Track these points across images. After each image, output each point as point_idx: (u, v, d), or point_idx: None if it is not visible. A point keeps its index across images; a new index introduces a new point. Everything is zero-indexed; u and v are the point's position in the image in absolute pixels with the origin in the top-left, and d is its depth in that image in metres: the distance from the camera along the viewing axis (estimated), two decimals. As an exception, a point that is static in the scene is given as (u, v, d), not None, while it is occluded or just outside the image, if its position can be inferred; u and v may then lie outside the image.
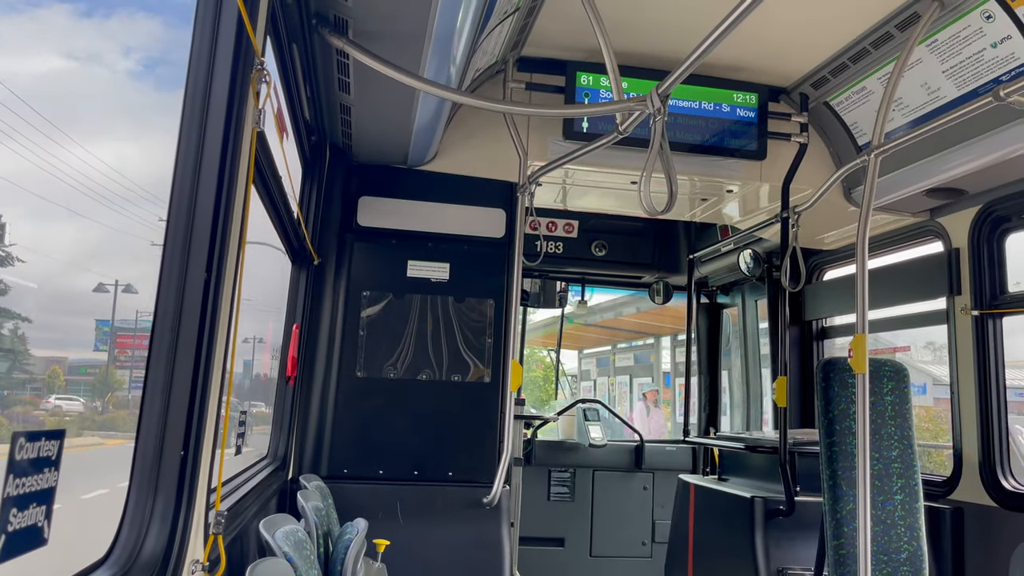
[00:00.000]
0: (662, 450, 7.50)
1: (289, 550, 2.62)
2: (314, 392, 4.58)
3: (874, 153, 3.82)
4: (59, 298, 3.49)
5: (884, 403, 4.35)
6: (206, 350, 1.90)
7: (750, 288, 7.28)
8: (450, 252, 4.83)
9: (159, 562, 1.75)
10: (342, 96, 3.83)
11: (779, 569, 4.73)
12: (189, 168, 1.85)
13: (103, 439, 4.73)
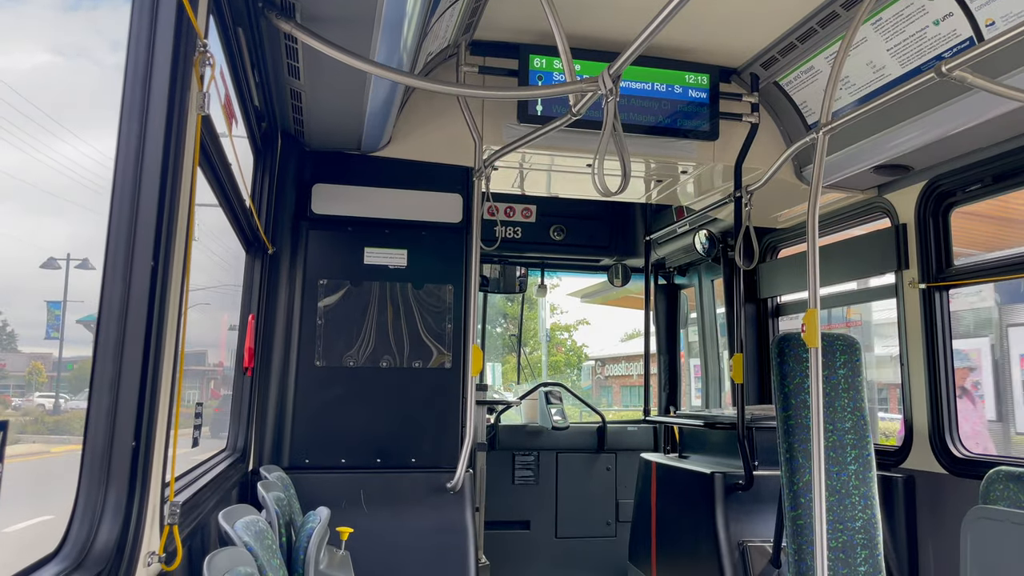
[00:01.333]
0: (624, 430, 7.58)
1: (249, 540, 2.60)
2: (272, 383, 4.53)
3: (822, 131, 3.88)
4: (37, 291, 3.35)
5: (837, 376, 4.44)
6: (155, 339, 1.86)
7: (706, 268, 7.37)
8: (407, 238, 4.80)
9: (112, 554, 1.72)
10: (292, 82, 3.77)
11: (739, 542, 4.82)
12: (131, 154, 1.81)
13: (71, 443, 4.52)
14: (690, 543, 5.23)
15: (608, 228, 7.39)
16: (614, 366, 28.31)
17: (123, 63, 1.83)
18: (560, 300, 29.21)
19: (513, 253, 7.45)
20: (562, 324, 29.33)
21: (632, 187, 5.94)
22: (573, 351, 28.83)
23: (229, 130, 3.17)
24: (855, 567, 4.20)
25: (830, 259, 5.44)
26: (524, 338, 28.35)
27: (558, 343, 29.10)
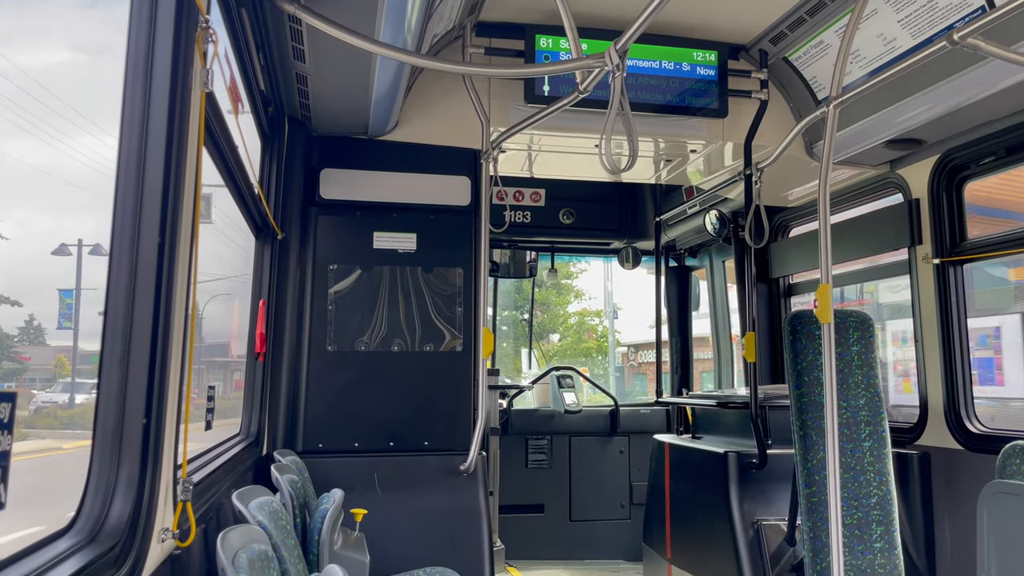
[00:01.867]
0: (637, 413, 7.57)
1: (264, 519, 2.61)
2: (284, 368, 4.55)
3: (832, 104, 3.84)
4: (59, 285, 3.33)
5: (851, 353, 4.41)
6: (163, 316, 1.86)
7: (717, 249, 7.33)
8: (416, 222, 4.80)
9: (126, 529, 1.73)
10: (297, 65, 3.76)
11: (754, 521, 4.81)
12: (135, 130, 1.81)
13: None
14: (704, 523, 5.22)
15: (618, 211, 7.37)
16: (648, 352, 27.80)
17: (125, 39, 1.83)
18: (589, 285, 28.67)
19: (523, 238, 7.43)
20: (592, 309, 28.74)
21: (641, 167, 5.90)
22: (605, 337, 28.10)
23: (236, 114, 3.17)
24: (870, 543, 4.18)
25: (842, 237, 5.40)
26: (553, 325, 28.16)
27: (589, 329, 28.53)
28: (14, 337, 3.72)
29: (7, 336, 3.64)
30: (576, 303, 28.91)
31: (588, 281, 28.57)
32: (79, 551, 1.61)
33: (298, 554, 2.89)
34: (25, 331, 3.89)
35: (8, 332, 3.65)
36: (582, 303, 28.79)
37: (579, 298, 28.83)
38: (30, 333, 3.92)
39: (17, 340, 3.71)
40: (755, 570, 4.67)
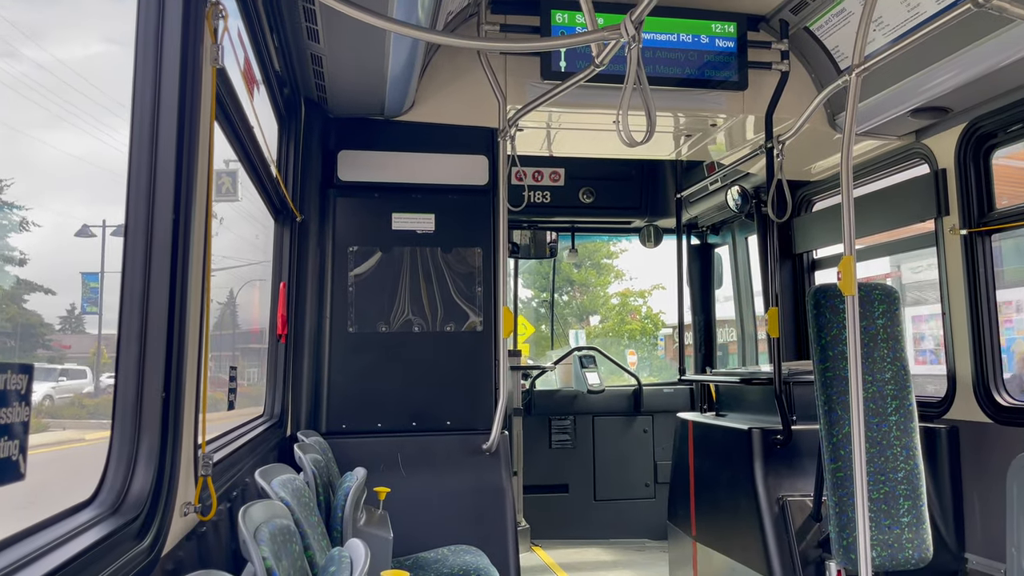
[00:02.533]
0: (660, 392, 7.54)
1: (286, 496, 2.63)
2: (306, 349, 4.58)
3: (855, 72, 3.76)
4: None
5: (876, 326, 4.35)
6: (180, 290, 1.88)
7: (739, 225, 7.26)
8: (434, 202, 4.79)
9: (148, 501, 1.75)
10: (312, 45, 3.75)
11: (779, 497, 4.78)
12: (147, 106, 1.81)
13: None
14: (729, 500, 5.20)
15: (638, 189, 7.31)
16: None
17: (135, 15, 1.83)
18: (630, 265, 28.11)
19: (542, 218, 7.41)
20: (635, 290, 28.09)
21: (661, 143, 5.84)
22: (648, 318, 27.12)
23: (251, 95, 3.17)
24: (898, 518, 4.13)
25: (866, 209, 5.31)
26: (593, 307, 27.83)
27: (632, 310, 27.72)
28: (55, 327, 3.73)
29: (44, 325, 3.64)
30: (617, 283, 28.29)
31: (630, 260, 27.95)
32: (102, 521, 1.63)
33: (321, 531, 2.91)
34: (67, 320, 3.93)
35: (49, 322, 3.65)
36: (623, 283, 28.19)
37: (619, 278, 28.22)
38: (71, 322, 3.96)
39: (59, 329, 3.72)
40: (780, 546, 4.64)
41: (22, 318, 2.68)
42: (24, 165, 2.33)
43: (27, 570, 1.31)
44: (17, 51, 2.06)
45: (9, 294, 2.52)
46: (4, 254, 2.51)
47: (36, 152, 2.26)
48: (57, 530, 1.51)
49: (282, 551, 2.13)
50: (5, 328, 2.67)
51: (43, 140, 2.23)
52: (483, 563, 3.93)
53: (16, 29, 2.04)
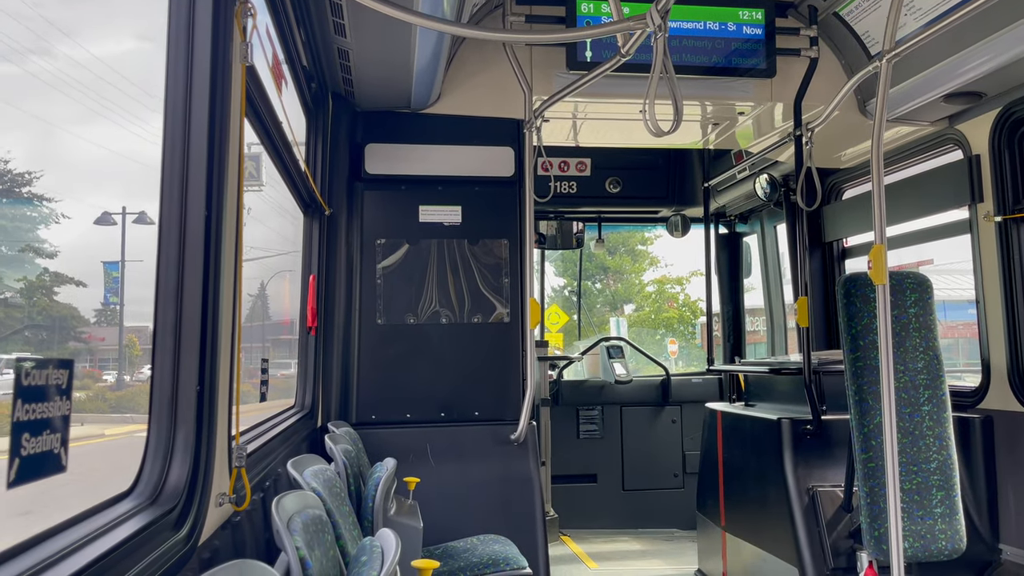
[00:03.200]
0: (688, 382, 7.52)
1: (318, 486, 2.67)
2: (336, 341, 4.63)
3: (886, 59, 3.70)
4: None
5: (908, 315, 4.29)
6: (212, 286, 1.91)
7: (768, 214, 7.19)
8: (461, 194, 4.81)
9: (184, 492, 1.79)
10: (338, 40, 3.78)
11: (809, 488, 4.74)
12: (179, 105, 1.84)
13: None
14: (759, 491, 5.17)
15: (665, 178, 7.26)
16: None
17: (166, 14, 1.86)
18: (665, 252, 27.67)
19: (569, 208, 7.39)
20: (672, 276, 27.58)
21: (688, 132, 5.80)
22: (686, 306, 26.37)
23: (279, 90, 3.20)
24: (931, 509, 4.09)
25: (897, 197, 5.23)
26: (628, 295, 27.50)
27: (669, 298, 27.07)
28: (89, 319, 3.75)
29: (76, 318, 3.66)
30: (652, 270, 27.80)
31: (665, 247, 27.38)
32: (141, 512, 1.67)
33: (352, 520, 2.95)
34: (103, 312, 3.97)
35: (83, 315, 3.67)
36: (659, 270, 27.67)
37: (655, 265, 27.74)
38: (107, 315, 4.00)
39: (95, 321, 3.76)
40: (811, 537, 4.62)
41: (54, 310, 2.70)
42: (61, 160, 2.38)
43: (72, 558, 1.36)
44: (53, 48, 2.10)
45: (40, 285, 2.55)
46: (36, 246, 2.54)
47: (72, 147, 2.31)
48: (99, 519, 1.55)
49: (314, 541, 2.16)
50: (37, 321, 2.70)
51: (78, 135, 2.27)
52: (512, 552, 3.96)
53: (53, 27, 2.08)
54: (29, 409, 1.22)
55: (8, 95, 1.86)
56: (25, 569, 1.25)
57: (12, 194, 2.31)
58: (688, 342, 24.80)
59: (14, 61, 1.93)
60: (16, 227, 2.46)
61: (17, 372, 1.20)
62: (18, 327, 2.29)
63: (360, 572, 2.04)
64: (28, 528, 1.39)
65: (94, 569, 1.37)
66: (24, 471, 1.21)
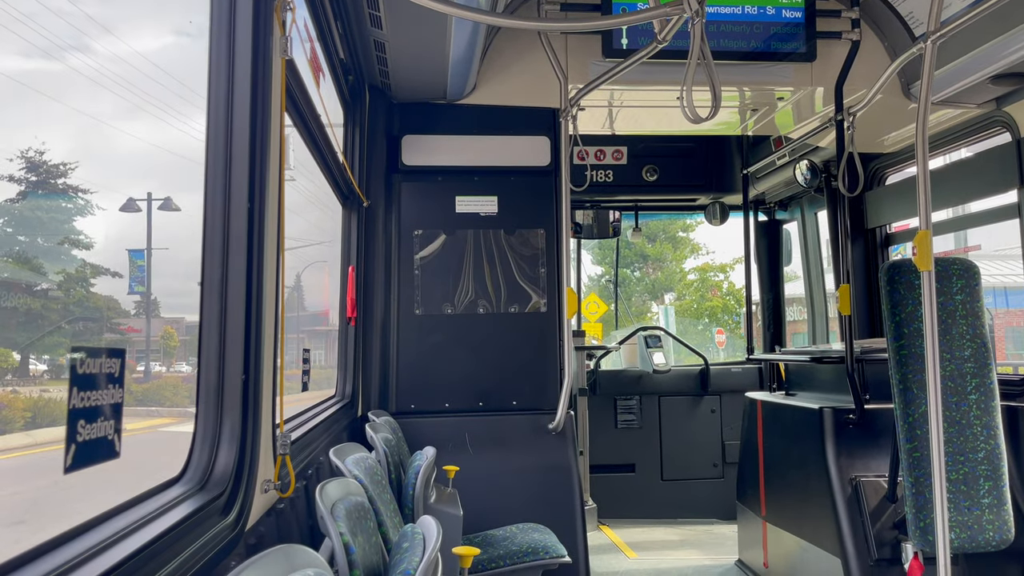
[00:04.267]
0: (727, 372, 7.45)
1: (360, 474, 2.71)
2: (375, 331, 4.68)
3: (931, 39, 3.61)
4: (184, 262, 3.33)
5: (954, 302, 4.20)
6: (256, 277, 1.95)
7: (809, 201, 7.08)
8: (497, 184, 4.82)
9: (231, 479, 1.83)
10: (375, 32, 3.81)
11: (852, 478, 4.68)
12: (222, 97, 1.88)
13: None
14: (800, 481, 5.12)
15: (703, 165, 7.19)
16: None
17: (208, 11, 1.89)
18: (708, 239, 27.22)
19: (605, 197, 7.36)
20: (715, 264, 26.69)
21: (727, 118, 5.73)
22: (731, 294, 25.61)
23: (317, 83, 3.24)
24: (977, 499, 4.01)
25: (943, 181, 5.12)
26: (670, 283, 27.15)
27: (713, 286, 26.36)
28: (130, 311, 3.80)
29: (112, 308, 3.69)
30: (694, 258, 27.32)
31: (707, 233, 26.85)
32: (190, 497, 1.72)
33: (394, 508, 2.99)
34: (140, 304, 4.03)
35: (122, 307, 3.71)
36: (701, 257, 27.18)
37: (696, 253, 27.26)
38: (145, 306, 4.04)
39: (135, 313, 3.81)
40: (854, 527, 4.56)
41: (90, 301, 2.72)
42: (101, 154, 2.43)
43: (126, 541, 1.40)
44: (94, 43, 2.15)
45: (77, 277, 2.58)
46: (73, 238, 2.59)
47: (114, 141, 2.36)
48: (151, 504, 1.60)
49: (357, 527, 2.20)
50: (74, 313, 2.74)
51: (121, 129, 2.32)
52: (551, 541, 3.97)
53: (94, 22, 2.13)
54: (84, 397, 1.26)
55: (52, 90, 1.91)
56: (85, 549, 1.30)
57: (50, 186, 2.36)
58: (732, 332, 24.36)
59: (56, 56, 1.97)
60: (52, 218, 2.50)
61: (73, 361, 1.24)
62: (56, 320, 2.34)
63: (402, 558, 2.07)
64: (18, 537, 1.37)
65: (147, 552, 1.41)
66: (80, 457, 1.25)
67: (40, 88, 1.86)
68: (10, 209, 2.26)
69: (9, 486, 1.98)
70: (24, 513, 1.68)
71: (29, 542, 1.27)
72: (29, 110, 1.89)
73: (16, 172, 2.23)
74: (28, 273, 2.27)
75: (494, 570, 3.75)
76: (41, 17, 1.88)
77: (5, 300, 2.09)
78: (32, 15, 1.84)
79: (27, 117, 1.95)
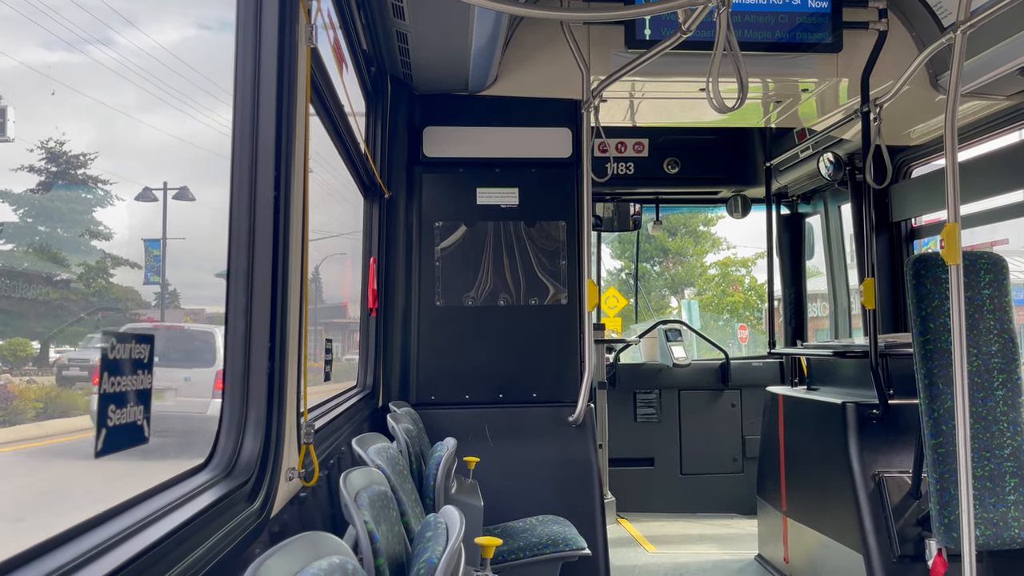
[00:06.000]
0: (748, 366, 7.41)
1: (382, 463, 2.72)
2: (395, 323, 4.69)
3: (960, 29, 3.56)
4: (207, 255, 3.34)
5: (982, 297, 4.15)
6: (281, 268, 1.95)
7: (832, 194, 7.02)
8: (518, 176, 4.81)
9: (256, 466, 1.84)
10: (397, 23, 3.80)
11: (875, 473, 4.64)
12: (248, 84, 1.88)
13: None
14: (822, 476, 5.08)
15: (725, 158, 7.13)
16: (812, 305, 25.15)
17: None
18: (729, 233, 26.91)
19: (626, 190, 7.32)
20: (736, 258, 26.21)
21: (750, 111, 5.68)
22: (752, 289, 25.26)
23: (340, 73, 3.24)
24: (1003, 496, 3.96)
25: (972, 174, 5.04)
26: (690, 278, 26.90)
27: (734, 281, 26.06)
28: (151, 303, 3.80)
29: (131, 299, 3.69)
30: (715, 252, 26.98)
31: (729, 228, 26.51)
32: (216, 484, 1.73)
33: (415, 498, 3.00)
34: (160, 295, 4.03)
35: (146, 300, 3.71)
36: (722, 252, 26.82)
37: (717, 247, 26.92)
38: (164, 298, 4.04)
39: (155, 305, 3.81)
40: (877, 523, 4.52)
41: (110, 292, 2.72)
42: (125, 145, 2.44)
43: (155, 526, 1.41)
44: (116, 36, 2.16)
45: (98, 268, 2.58)
46: (93, 229, 2.59)
47: (136, 133, 2.37)
48: (179, 490, 1.61)
49: (381, 516, 2.20)
50: (94, 303, 2.73)
51: (142, 120, 2.33)
52: (571, 533, 3.97)
53: (117, 15, 2.14)
54: (115, 382, 1.27)
55: (75, 82, 1.93)
56: (114, 534, 1.31)
57: (71, 177, 2.37)
58: (753, 327, 24.11)
59: (79, 48, 1.98)
60: (71, 209, 2.51)
61: (104, 346, 1.25)
62: (76, 310, 2.34)
63: (425, 547, 2.07)
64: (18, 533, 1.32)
65: (175, 537, 1.42)
66: (111, 441, 1.26)
67: (63, 80, 1.87)
68: (31, 199, 2.28)
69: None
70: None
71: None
72: (51, 101, 1.90)
73: (37, 163, 2.25)
74: (48, 264, 2.29)
75: (514, 561, 3.75)
76: (66, 11, 1.89)
77: (28, 291, 2.10)
78: (56, 8, 1.84)
79: (49, 109, 1.96)
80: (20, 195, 2.25)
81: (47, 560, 1.16)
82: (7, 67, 1.71)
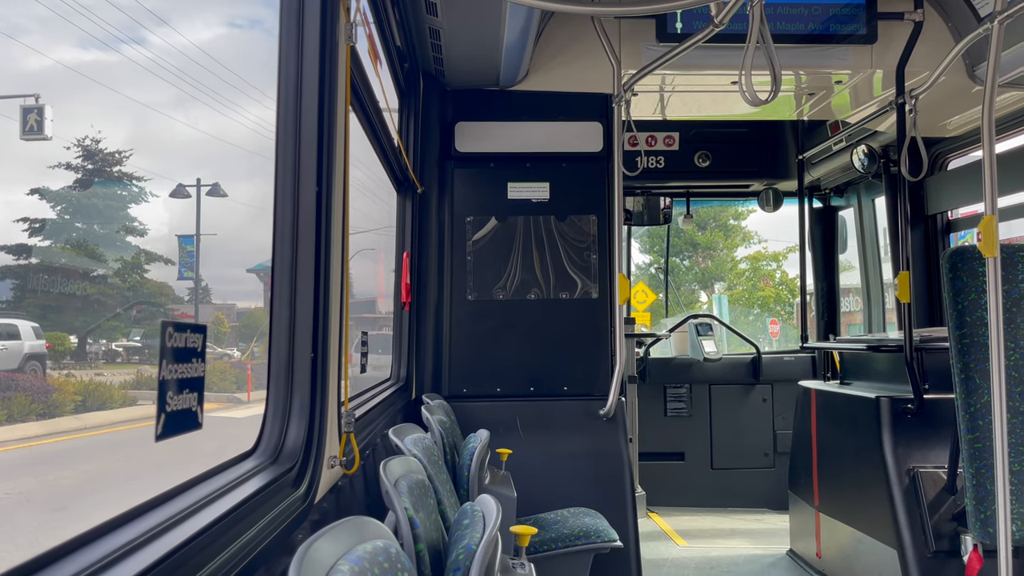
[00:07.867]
0: (780, 361, 7.37)
1: (418, 453, 2.77)
2: (428, 316, 4.75)
3: (997, 19, 3.51)
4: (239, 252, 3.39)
5: (1019, 290, 4.09)
6: (323, 260, 2.00)
7: (866, 187, 6.94)
8: (549, 171, 4.83)
9: (300, 453, 1.90)
10: (430, 19, 3.84)
11: (909, 468, 4.60)
12: (291, 81, 1.93)
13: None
14: (855, 471, 5.05)
15: (757, 151, 7.08)
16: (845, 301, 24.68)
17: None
18: (760, 226, 26.60)
19: (656, 183, 7.31)
20: (767, 252, 25.89)
21: (782, 103, 5.65)
22: (784, 284, 24.99)
23: (375, 70, 3.29)
24: (1042, 492, 3.91)
25: (1009, 166, 4.97)
26: (720, 272, 26.64)
27: (765, 275, 25.75)
28: (184, 298, 3.85)
29: (164, 295, 3.74)
30: (746, 247, 26.61)
31: (759, 221, 26.17)
32: (263, 470, 1.78)
33: (450, 488, 3.05)
34: (193, 291, 4.08)
35: (180, 295, 3.77)
36: (753, 246, 26.45)
37: (748, 241, 26.56)
38: (198, 293, 4.09)
39: (187, 300, 3.87)
40: (911, 519, 4.49)
41: (144, 287, 2.76)
42: (159, 142, 2.51)
43: (207, 510, 1.47)
44: (148, 35, 2.21)
45: (132, 264, 2.63)
46: (128, 225, 2.65)
47: (170, 130, 2.43)
48: (228, 475, 1.67)
49: (419, 504, 2.25)
50: (128, 297, 2.77)
51: (174, 118, 2.39)
52: (603, 525, 4.00)
53: (151, 14, 2.19)
54: (172, 369, 1.32)
55: (110, 80, 1.98)
56: (169, 516, 1.37)
57: (107, 174, 2.44)
58: (785, 323, 23.81)
59: (114, 47, 2.04)
60: (108, 205, 2.57)
61: (163, 334, 1.30)
62: (112, 304, 2.41)
63: (463, 535, 2.12)
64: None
65: (226, 521, 1.47)
66: (169, 426, 1.31)
67: (97, 79, 1.93)
68: (69, 196, 2.34)
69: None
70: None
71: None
72: (87, 99, 1.95)
73: (75, 160, 2.32)
74: (86, 260, 2.35)
75: (546, 552, 3.79)
76: (100, 10, 1.94)
77: (67, 286, 2.16)
78: (91, 8, 1.90)
79: (86, 107, 2.01)
80: (59, 192, 2.31)
81: (111, 538, 1.22)
82: (44, 66, 1.77)
